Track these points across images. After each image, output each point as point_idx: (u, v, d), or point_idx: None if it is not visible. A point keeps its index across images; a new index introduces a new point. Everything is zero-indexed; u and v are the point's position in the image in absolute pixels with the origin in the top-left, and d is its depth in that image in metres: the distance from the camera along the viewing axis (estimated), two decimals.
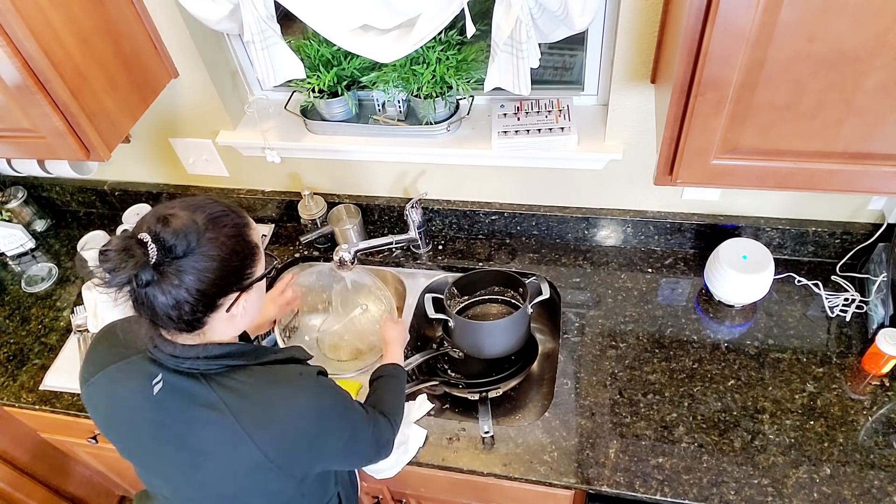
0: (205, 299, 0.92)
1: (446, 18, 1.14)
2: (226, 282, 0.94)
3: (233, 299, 0.97)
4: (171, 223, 0.89)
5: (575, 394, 1.41)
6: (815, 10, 0.80)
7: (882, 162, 0.95)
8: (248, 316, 1.02)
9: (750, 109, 0.93)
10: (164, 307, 0.90)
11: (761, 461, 1.26)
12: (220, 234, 0.93)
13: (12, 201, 1.96)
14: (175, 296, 0.89)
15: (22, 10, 1.10)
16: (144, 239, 0.88)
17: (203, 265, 0.90)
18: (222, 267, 0.92)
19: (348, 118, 1.58)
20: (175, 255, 0.89)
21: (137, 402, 1.01)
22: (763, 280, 1.43)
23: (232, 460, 0.99)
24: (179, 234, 0.89)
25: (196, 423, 0.98)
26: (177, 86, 1.56)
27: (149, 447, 1.04)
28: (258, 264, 1.00)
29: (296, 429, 1.00)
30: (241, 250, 0.96)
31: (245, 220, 0.99)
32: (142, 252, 0.86)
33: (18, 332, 1.76)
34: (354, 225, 1.71)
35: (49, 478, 2.02)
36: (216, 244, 0.92)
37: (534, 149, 1.46)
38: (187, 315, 0.92)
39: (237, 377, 0.99)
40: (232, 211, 0.98)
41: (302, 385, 1.03)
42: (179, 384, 0.99)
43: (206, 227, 0.92)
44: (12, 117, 1.28)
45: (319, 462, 1.08)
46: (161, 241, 0.88)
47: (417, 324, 1.68)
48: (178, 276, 0.89)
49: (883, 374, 1.36)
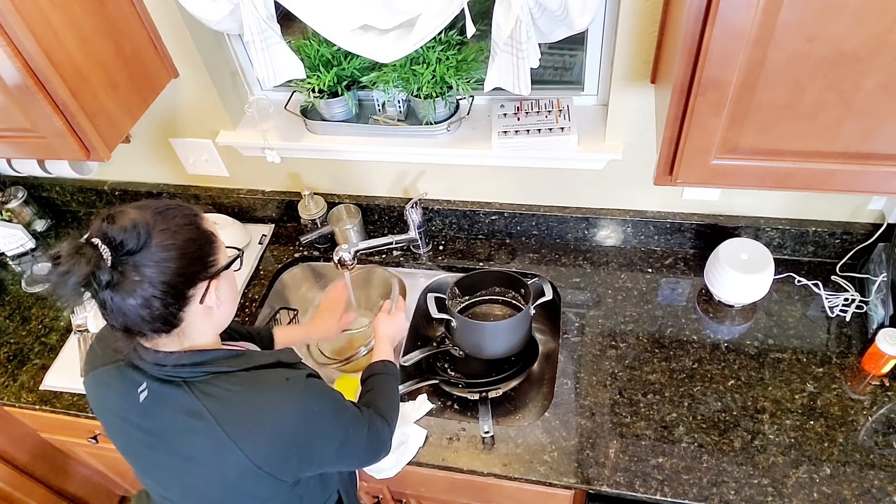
0: (173, 291, 0.91)
1: (446, 18, 1.14)
2: (189, 270, 0.93)
3: (203, 289, 0.95)
4: (118, 220, 0.89)
5: (575, 394, 1.41)
6: (815, 10, 0.80)
7: (882, 162, 0.95)
8: (224, 307, 1.01)
9: (750, 109, 0.93)
10: (133, 308, 0.89)
11: (761, 461, 1.26)
12: (171, 224, 0.92)
13: (12, 201, 1.96)
14: (141, 293, 0.88)
15: (22, 10, 1.10)
16: (94, 241, 0.87)
17: (161, 255, 0.89)
18: (181, 255, 0.91)
19: (348, 118, 1.58)
20: (128, 250, 0.87)
21: (125, 407, 1.01)
22: (763, 280, 1.43)
23: (219, 467, 0.98)
24: (128, 229, 0.88)
25: (183, 432, 0.98)
26: (177, 86, 1.56)
27: (141, 451, 1.05)
28: (219, 251, 0.99)
29: (282, 434, 0.98)
30: (196, 237, 0.95)
31: (194, 210, 0.98)
32: (93, 252, 0.85)
33: (18, 332, 1.76)
34: (354, 225, 1.71)
35: (49, 478, 2.02)
36: (169, 234, 0.91)
37: (534, 149, 1.46)
38: (158, 311, 0.90)
39: (221, 384, 0.98)
40: (181, 205, 0.97)
41: (289, 390, 1.01)
42: (164, 392, 0.98)
43: (155, 220, 0.91)
44: (12, 117, 1.28)
45: (310, 466, 1.06)
46: (110, 239, 0.87)
47: (418, 323, 1.68)
48: (138, 272, 0.87)
49: (883, 374, 1.36)
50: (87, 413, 1.55)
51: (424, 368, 1.62)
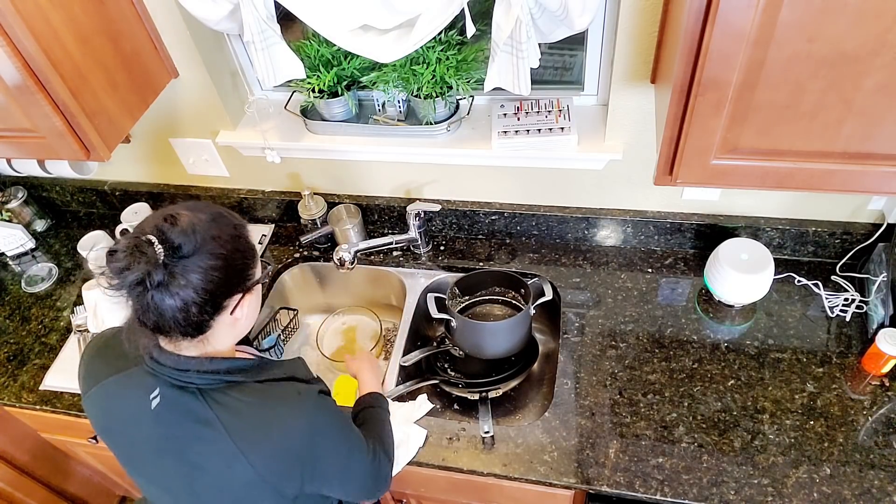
0: (212, 300, 0.92)
1: (446, 19, 1.14)
2: (231, 281, 0.94)
3: (237, 300, 0.97)
4: (178, 222, 0.89)
5: (575, 394, 1.41)
6: (815, 10, 0.80)
7: (882, 162, 0.95)
8: (248, 320, 1.02)
9: (750, 109, 0.93)
10: (172, 310, 0.89)
11: (761, 461, 1.26)
12: (223, 232, 0.93)
13: (12, 201, 1.96)
14: (183, 297, 0.89)
15: (22, 10, 1.10)
16: (151, 239, 0.87)
17: (209, 264, 0.90)
18: (227, 266, 0.93)
19: (348, 118, 1.58)
20: (182, 254, 0.88)
21: (135, 415, 1.01)
22: (763, 280, 1.43)
23: (226, 477, 0.98)
24: (187, 233, 0.89)
25: (192, 439, 0.98)
26: (177, 86, 1.56)
27: (148, 459, 1.04)
28: (257, 265, 1.01)
29: (289, 449, 0.99)
30: (242, 249, 0.97)
31: (242, 221, 1.00)
32: (151, 251, 0.86)
33: (18, 332, 1.76)
34: (354, 225, 1.71)
35: (49, 478, 2.02)
36: (220, 243, 0.92)
37: (534, 149, 1.46)
38: (195, 317, 0.91)
39: (234, 394, 0.99)
40: (230, 212, 0.99)
41: (299, 405, 1.02)
42: (177, 399, 0.98)
43: (209, 226, 0.92)
44: (12, 117, 1.28)
45: (313, 482, 1.05)
46: (168, 240, 0.88)
47: (418, 323, 1.68)
48: (185, 276, 0.88)
49: (883, 374, 1.36)
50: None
51: (424, 368, 1.62)
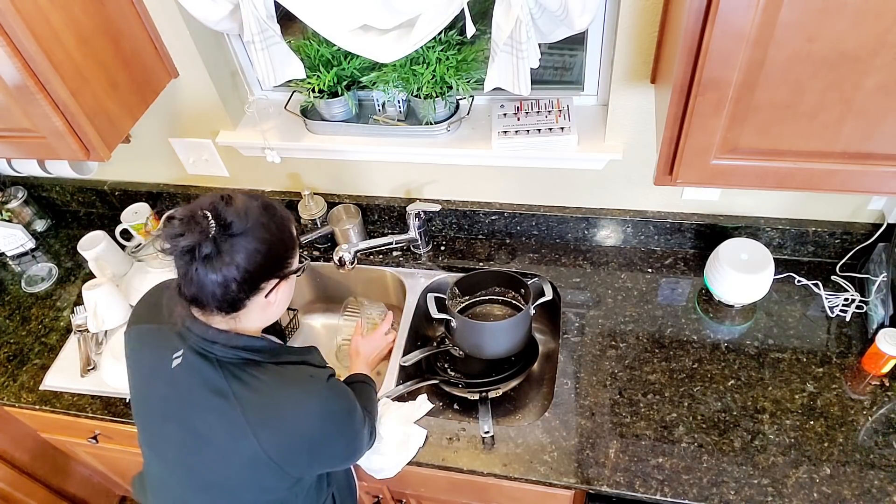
0: (250, 280, 0.97)
1: (446, 19, 1.14)
2: (270, 266, 0.99)
3: (273, 285, 1.02)
4: (233, 203, 0.96)
5: (575, 394, 1.41)
6: (814, 10, 0.80)
7: (882, 162, 0.95)
8: (279, 306, 1.06)
9: (750, 109, 0.93)
10: (212, 284, 0.94)
11: (761, 461, 1.26)
12: (272, 220, 0.99)
13: (12, 201, 1.96)
14: (225, 273, 0.94)
15: (22, 11, 1.10)
16: (206, 213, 0.93)
17: (254, 246, 0.95)
18: (270, 251, 0.98)
19: (348, 118, 1.58)
20: (232, 231, 0.93)
21: (156, 369, 1.05)
22: (763, 280, 1.43)
23: (230, 450, 1.00)
24: (240, 213, 0.95)
25: (204, 408, 1.01)
26: (177, 86, 1.56)
27: (154, 419, 1.08)
28: (296, 257, 1.06)
29: (299, 431, 1.01)
30: (286, 239, 1.03)
31: (289, 215, 1.06)
32: (206, 223, 0.92)
33: (18, 332, 1.76)
34: (354, 225, 1.71)
35: (49, 478, 2.02)
36: (268, 229, 0.98)
37: (534, 149, 1.46)
38: (233, 293, 0.96)
39: (251, 371, 1.02)
40: (280, 206, 1.05)
41: (311, 388, 1.05)
42: (196, 364, 1.02)
43: (260, 212, 0.98)
44: (12, 117, 1.28)
45: (319, 464, 1.09)
46: (222, 217, 0.93)
47: (418, 323, 1.68)
48: (231, 254, 0.93)
49: (883, 374, 1.36)
50: (87, 413, 1.55)
51: (424, 368, 1.62)
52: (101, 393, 1.57)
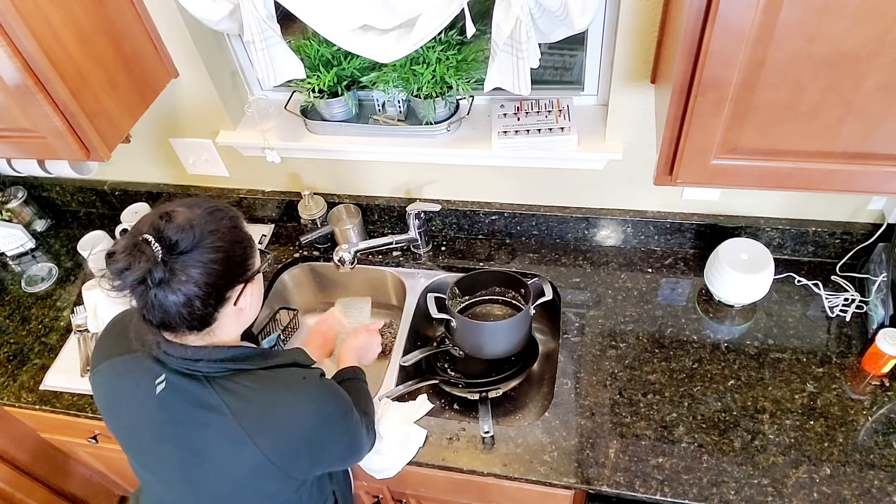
0: (214, 292, 0.94)
1: (446, 19, 1.14)
2: (231, 273, 0.96)
3: (239, 291, 0.99)
4: (174, 219, 0.91)
5: (575, 394, 1.41)
6: (815, 10, 0.80)
7: (882, 162, 0.95)
8: (252, 310, 1.04)
9: (750, 109, 0.93)
10: (175, 306, 0.91)
11: (761, 461, 1.26)
12: (220, 225, 0.95)
13: (12, 201, 1.96)
14: (185, 292, 0.90)
15: (22, 10, 1.10)
16: (148, 238, 0.89)
17: (209, 258, 0.92)
18: (227, 258, 0.95)
19: (348, 118, 1.58)
20: (180, 250, 0.90)
21: (139, 398, 1.02)
22: (763, 280, 1.43)
23: (232, 462, 0.99)
24: (184, 230, 0.90)
25: (197, 425, 0.99)
26: (177, 86, 1.56)
27: (147, 444, 1.05)
28: (256, 255, 1.03)
29: (298, 433, 1.01)
30: (240, 240, 0.99)
31: (237, 213, 1.02)
32: (150, 250, 0.88)
33: (18, 332, 1.76)
34: (354, 225, 1.71)
35: (49, 478, 2.02)
36: (218, 236, 0.94)
37: (534, 149, 1.46)
38: (199, 310, 0.93)
39: (240, 381, 1.00)
40: (225, 206, 1.00)
41: (305, 390, 1.04)
42: (182, 385, 0.99)
43: (206, 221, 0.94)
44: (12, 117, 1.28)
45: (320, 465, 1.09)
46: (165, 238, 0.89)
47: (418, 323, 1.68)
48: (185, 272, 0.90)
49: (883, 374, 1.36)
50: (87, 413, 1.55)
51: (424, 368, 1.62)
52: None
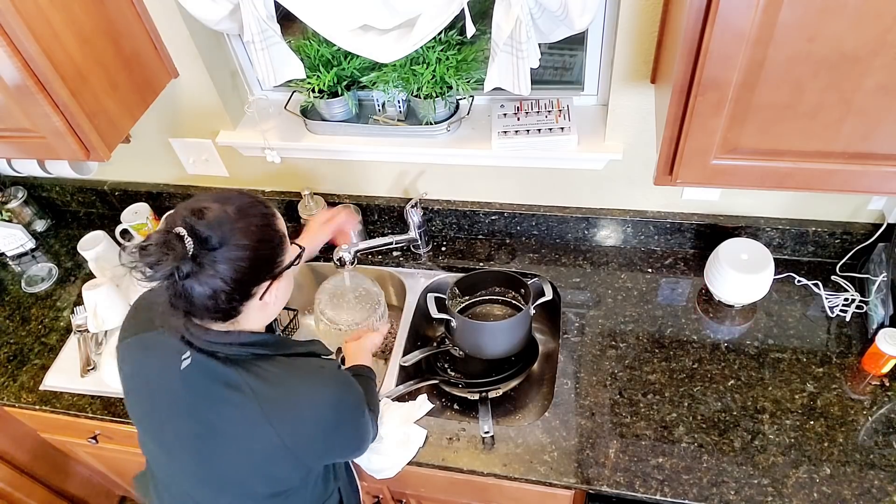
0: (240, 288, 0.96)
1: (446, 19, 1.14)
2: (259, 270, 0.98)
3: (265, 287, 1.01)
4: (206, 215, 0.93)
5: (575, 394, 1.41)
6: (815, 10, 0.80)
7: (882, 162, 0.95)
8: (279, 303, 1.06)
9: (750, 109, 0.93)
10: (201, 297, 0.93)
11: (761, 461, 1.26)
12: (251, 223, 0.97)
13: (12, 201, 1.96)
14: (212, 286, 0.93)
15: (22, 11, 1.10)
16: (181, 232, 0.91)
17: (236, 255, 0.94)
18: (254, 255, 0.96)
19: (348, 118, 1.58)
20: (210, 246, 0.92)
21: (164, 371, 1.04)
22: (763, 280, 1.43)
23: (248, 442, 1.02)
24: (213, 226, 0.92)
25: (218, 402, 1.01)
26: (177, 86, 1.56)
27: (163, 417, 1.08)
28: (286, 252, 1.04)
29: (315, 419, 1.03)
30: (270, 239, 1.00)
31: (272, 210, 1.03)
32: (181, 245, 0.90)
33: (18, 332, 1.75)
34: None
35: (49, 478, 2.02)
36: (247, 234, 0.95)
37: (534, 149, 1.46)
38: (224, 304, 0.96)
39: (262, 365, 1.03)
40: (259, 202, 1.02)
41: (324, 378, 1.07)
42: (206, 363, 1.02)
43: (236, 218, 0.95)
44: (12, 117, 1.28)
45: (331, 453, 1.13)
46: (197, 233, 0.91)
47: (418, 323, 1.68)
48: (214, 267, 0.92)
49: (883, 374, 1.36)
50: (87, 413, 1.55)
51: (424, 368, 1.62)
52: (100, 393, 1.57)
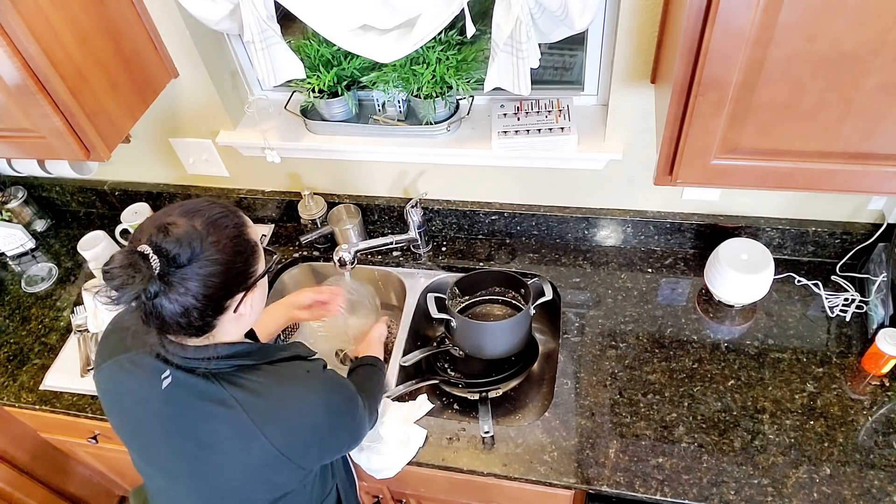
0: (212, 304, 0.93)
1: (446, 19, 1.14)
2: (231, 284, 0.94)
3: (239, 299, 0.97)
4: (172, 232, 0.88)
5: (575, 394, 1.41)
6: (815, 10, 0.80)
7: (882, 162, 0.95)
8: (254, 313, 1.03)
9: (750, 109, 0.93)
10: (172, 315, 0.90)
11: (761, 461, 1.26)
12: (222, 236, 0.92)
13: (12, 201, 1.96)
14: (182, 303, 0.89)
15: (22, 10, 1.10)
16: (145, 251, 0.86)
17: (207, 270, 0.90)
18: (226, 270, 0.92)
19: (348, 118, 1.58)
20: (178, 263, 0.88)
21: (145, 393, 1.02)
22: (763, 280, 1.43)
23: (243, 455, 1.00)
24: (182, 243, 0.88)
25: (206, 419, 0.99)
26: (177, 86, 1.56)
27: (152, 438, 1.05)
28: (259, 262, 1.00)
29: (307, 425, 1.02)
30: (242, 250, 0.96)
31: (243, 219, 0.99)
32: (146, 266, 0.85)
33: (18, 332, 1.76)
34: (354, 225, 1.71)
35: (49, 478, 2.02)
36: (218, 248, 0.91)
37: (534, 149, 1.46)
38: (196, 321, 0.92)
39: (246, 376, 1.01)
40: (230, 211, 0.97)
41: (311, 382, 1.05)
42: (188, 380, 0.99)
43: (206, 232, 0.91)
44: (12, 117, 1.28)
45: (328, 454, 1.12)
46: (163, 251, 0.87)
47: (418, 323, 1.68)
48: (184, 284, 0.88)
49: (883, 374, 1.36)
50: (87, 413, 1.55)
51: (424, 368, 1.62)
52: None
